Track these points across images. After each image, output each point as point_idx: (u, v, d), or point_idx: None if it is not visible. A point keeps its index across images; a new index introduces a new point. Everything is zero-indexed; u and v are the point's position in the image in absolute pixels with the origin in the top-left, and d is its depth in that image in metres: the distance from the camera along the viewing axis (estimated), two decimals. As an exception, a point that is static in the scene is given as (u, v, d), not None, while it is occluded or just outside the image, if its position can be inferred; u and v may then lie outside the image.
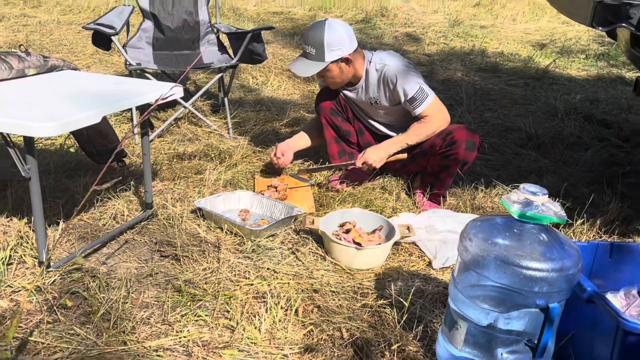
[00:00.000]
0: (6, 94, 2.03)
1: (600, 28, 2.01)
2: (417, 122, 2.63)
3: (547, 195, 1.44)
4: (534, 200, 1.43)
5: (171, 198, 2.56)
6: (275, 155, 2.80)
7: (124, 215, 2.39)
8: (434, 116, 2.60)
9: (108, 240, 2.21)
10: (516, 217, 1.44)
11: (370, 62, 2.65)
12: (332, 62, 2.55)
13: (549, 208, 1.42)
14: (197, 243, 2.21)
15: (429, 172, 2.65)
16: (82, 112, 1.84)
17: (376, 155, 2.62)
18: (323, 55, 2.54)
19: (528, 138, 3.56)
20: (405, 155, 2.68)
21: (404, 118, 2.73)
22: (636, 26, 1.97)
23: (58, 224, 2.25)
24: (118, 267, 2.05)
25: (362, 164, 2.62)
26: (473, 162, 2.63)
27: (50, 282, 1.90)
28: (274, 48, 5.50)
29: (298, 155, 3.12)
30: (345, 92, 2.78)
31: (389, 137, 2.73)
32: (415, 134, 2.63)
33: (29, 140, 1.80)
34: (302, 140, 2.96)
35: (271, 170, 2.89)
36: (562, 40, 6.29)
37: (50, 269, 1.95)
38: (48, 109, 1.87)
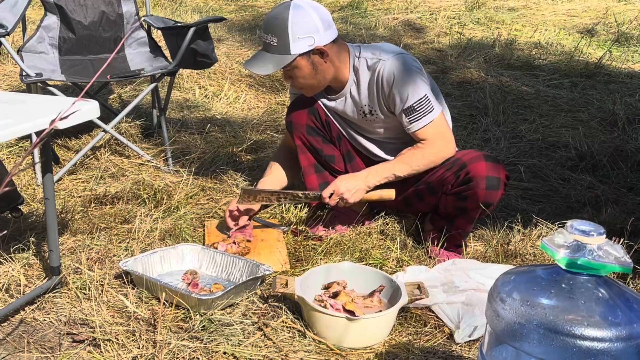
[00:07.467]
0: None
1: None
2: (412, 146, 2.64)
3: (604, 235, 1.44)
4: (587, 242, 1.43)
5: (87, 259, 2.54)
6: (229, 215, 2.74)
7: (19, 286, 2.36)
8: (434, 142, 2.60)
9: (-2, 322, 2.17)
10: (564, 267, 1.44)
11: (359, 57, 2.67)
12: (300, 54, 2.58)
13: (609, 253, 1.42)
14: (124, 321, 2.18)
15: (441, 215, 2.67)
16: (-44, 143, 1.82)
17: (350, 184, 2.61)
18: (287, 45, 2.56)
19: (579, 157, 3.61)
20: (392, 195, 2.67)
21: (410, 137, 2.75)
22: None
23: None
24: (12, 360, 2.00)
25: (330, 195, 2.62)
26: (500, 200, 2.64)
27: None
28: (229, 47, 5.56)
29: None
30: (325, 101, 2.80)
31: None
32: (406, 162, 2.64)
33: None
34: (273, 181, 2.90)
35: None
36: (618, 23, 6.44)
37: None
38: None
